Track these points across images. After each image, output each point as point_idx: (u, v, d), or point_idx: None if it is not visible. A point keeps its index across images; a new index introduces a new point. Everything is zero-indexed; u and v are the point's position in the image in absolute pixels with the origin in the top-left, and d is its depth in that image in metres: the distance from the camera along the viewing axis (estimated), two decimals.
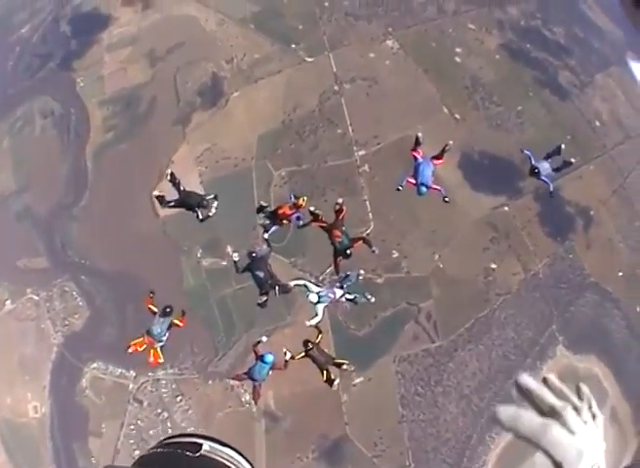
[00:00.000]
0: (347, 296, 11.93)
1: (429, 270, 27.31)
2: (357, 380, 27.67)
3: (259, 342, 11.97)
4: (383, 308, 27.10)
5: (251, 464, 2.51)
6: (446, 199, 11.48)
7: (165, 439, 2.54)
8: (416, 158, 11.51)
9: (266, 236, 12.59)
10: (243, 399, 28.07)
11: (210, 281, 27.46)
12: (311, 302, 11.76)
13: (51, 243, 28.49)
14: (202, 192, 12.39)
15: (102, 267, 27.97)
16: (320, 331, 11.49)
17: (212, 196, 12.35)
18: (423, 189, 11.11)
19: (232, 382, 10.89)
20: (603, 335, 29.74)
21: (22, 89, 30.49)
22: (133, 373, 28.02)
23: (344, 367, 11.41)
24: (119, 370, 28.07)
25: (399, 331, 27.39)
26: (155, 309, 11.60)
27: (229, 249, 10.74)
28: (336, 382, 11.18)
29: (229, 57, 28.56)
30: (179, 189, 12.47)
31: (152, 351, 11.72)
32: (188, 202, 12.37)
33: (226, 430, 28.45)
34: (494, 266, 28.00)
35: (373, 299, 11.77)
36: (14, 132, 30.05)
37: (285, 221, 12.19)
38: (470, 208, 27.90)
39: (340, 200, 11.61)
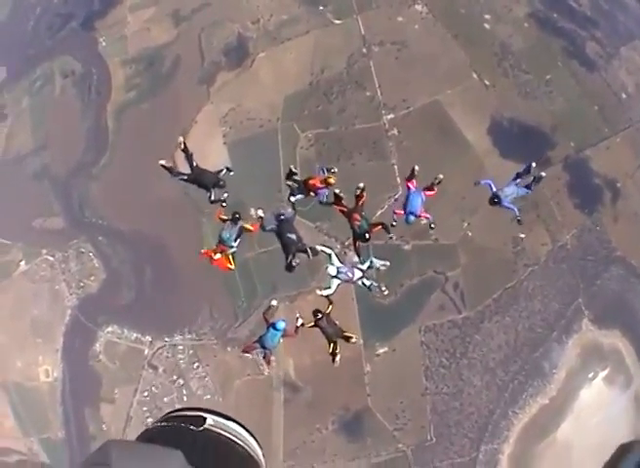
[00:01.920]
0: (364, 281, 10.75)
1: (458, 238, 25.19)
2: (381, 350, 25.49)
3: (269, 308, 10.47)
4: (410, 276, 24.93)
5: (255, 439, 2.33)
6: (432, 226, 10.63)
7: (169, 413, 2.30)
8: (409, 188, 10.49)
9: (293, 199, 11.12)
10: (262, 367, 26.00)
11: None
12: (328, 274, 10.62)
13: (68, 203, 26.27)
14: (215, 169, 10.47)
15: (121, 228, 25.70)
16: (331, 302, 10.21)
17: (224, 171, 10.49)
18: (412, 218, 10.27)
19: (245, 355, 9.34)
20: (628, 310, 27.65)
21: (43, 48, 28.24)
22: (149, 338, 25.68)
23: (353, 340, 10.13)
24: (135, 335, 25.78)
25: (425, 300, 25.21)
26: (225, 217, 10.10)
27: (253, 210, 9.20)
28: (338, 357, 9.97)
29: (255, 17, 26.50)
30: (191, 163, 10.59)
31: (222, 256, 10.17)
32: (202, 180, 10.51)
33: (244, 399, 26.29)
34: (522, 236, 25.93)
35: (387, 292, 10.70)
36: (33, 91, 27.87)
37: (312, 193, 11.00)
38: (499, 175, 25.80)
39: (361, 185, 10.42)
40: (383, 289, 11.11)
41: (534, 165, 11.01)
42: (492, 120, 26.11)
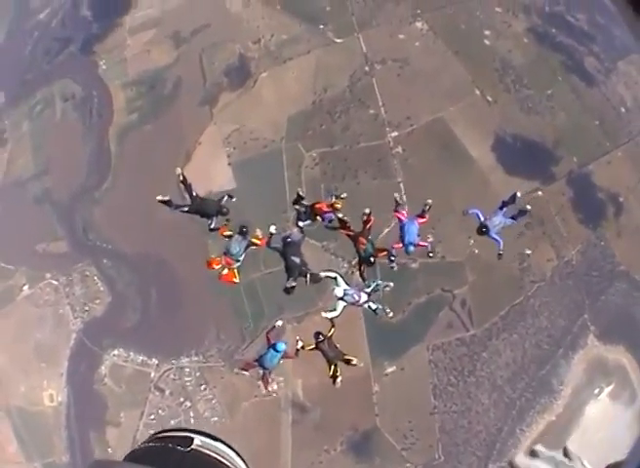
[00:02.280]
0: (370, 305, 10.63)
1: (464, 255, 24.84)
2: (389, 370, 25.11)
3: (273, 327, 10.27)
4: (418, 294, 24.60)
5: (243, 460, 2.33)
6: (430, 254, 10.60)
7: (157, 433, 2.31)
8: (400, 219, 10.34)
9: (301, 224, 10.96)
10: (270, 388, 25.51)
11: None
12: (335, 295, 10.45)
13: (71, 227, 25.83)
14: (220, 190, 10.21)
15: (125, 251, 25.26)
16: (333, 326, 10.04)
17: (225, 198, 10.22)
18: (411, 248, 10.16)
19: (242, 372, 9.19)
20: (632, 325, 27.45)
21: (41, 73, 27.73)
22: (155, 361, 25.22)
23: (354, 362, 9.95)
24: (141, 358, 25.31)
25: (433, 318, 24.85)
26: (229, 233, 9.83)
27: (259, 231, 8.97)
28: (339, 380, 9.82)
29: (256, 37, 26.18)
30: (190, 194, 10.25)
31: (228, 271, 9.92)
32: (204, 210, 10.20)
33: (251, 421, 25.82)
34: (528, 252, 25.65)
35: (391, 314, 10.49)
36: (33, 115, 27.40)
37: (318, 217, 10.89)
38: (504, 191, 25.40)
39: (367, 210, 10.30)
40: (388, 311, 10.93)
41: (518, 194, 10.98)
42: (495, 136, 25.88)
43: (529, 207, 10.81)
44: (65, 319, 25.79)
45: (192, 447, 2.15)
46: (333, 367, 10.09)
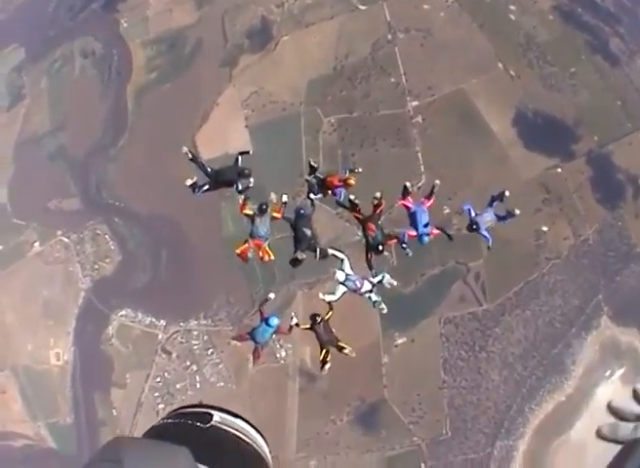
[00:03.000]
0: (371, 296, 9.83)
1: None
2: (400, 341, 24.34)
3: (266, 300, 9.52)
4: (432, 266, 23.82)
5: (262, 436, 2.30)
6: (450, 233, 9.68)
7: (176, 409, 2.29)
8: (408, 207, 9.39)
9: (312, 197, 10.12)
10: (278, 355, 24.85)
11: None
12: (336, 279, 9.62)
13: (85, 184, 25.16)
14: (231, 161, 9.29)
15: (138, 210, 24.59)
16: (331, 309, 9.28)
17: (241, 159, 9.32)
18: (426, 239, 9.19)
19: (233, 342, 8.76)
20: None
21: (63, 30, 27.16)
22: (163, 323, 24.52)
23: (346, 351, 9.21)
24: (149, 319, 24.62)
25: (446, 290, 24.08)
26: (250, 212, 8.93)
27: (274, 195, 8.29)
28: (327, 366, 9.10)
29: (280, 1, 25.53)
30: (205, 170, 9.33)
31: (262, 251, 9.10)
32: (225, 178, 9.30)
33: (258, 387, 25.10)
34: (545, 229, 24.79)
35: (385, 311, 9.68)
36: (52, 72, 26.77)
37: (329, 191, 10.02)
38: (523, 167, 24.83)
39: (378, 194, 9.39)
40: (382, 306, 10.08)
41: (507, 193, 9.93)
42: (516, 111, 25.11)
43: (517, 211, 9.80)
44: (75, 277, 25.14)
45: (212, 423, 2.13)
46: (324, 351, 9.53)
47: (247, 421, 2.27)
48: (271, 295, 10.44)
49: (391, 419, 24.77)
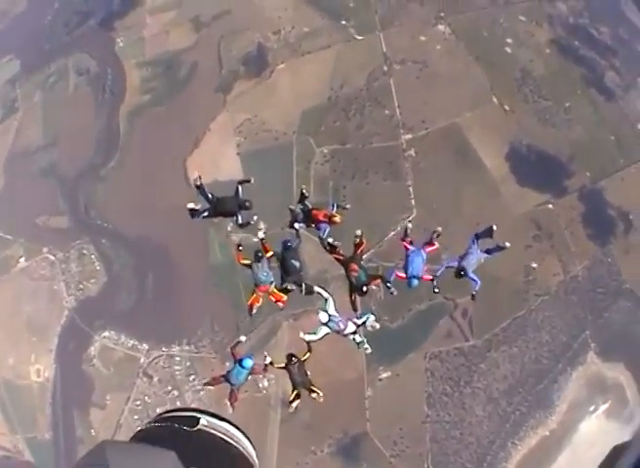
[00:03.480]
0: (355, 337, 9.55)
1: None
2: (384, 375, 23.92)
3: (238, 343, 9.26)
4: (419, 300, 23.52)
5: (249, 439, 2.31)
6: (436, 290, 9.29)
7: (163, 413, 2.28)
8: (407, 248, 9.13)
9: (297, 226, 9.82)
10: (261, 384, 24.38)
11: None
12: (319, 319, 9.37)
13: (74, 202, 24.73)
14: (225, 188, 8.95)
15: (125, 232, 24.16)
16: (309, 350, 9.03)
17: (241, 188, 9.01)
18: (415, 282, 9.04)
19: (207, 388, 8.53)
20: (633, 344, 26.41)
21: (59, 44, 26.85)
22: (146, 346, 24.04)
23: (314, 395, 9.02)
24: (131, 342, 24.13)
25: (433, 325, 23.68)
26: (247, 261, 8.66)
27: (262, 224, 7.99)
28: (294, 405, 8.95)
29: (277, 28, 25.21)
30: (207, 196, 9.02)
31: (273, 296, 8.82)
32: (225, 208, 8.99)
33: (239, 416, 24.18)
34: (534, 265, 24.56)
35: (369, 351, 9.45)
36: (46, 86, 26.44)
37: (313, 225, 9.74)
38: (515, 202, 24.53)
39: (358, 232, 9.15)
40: (366, 346, 9.82)
41: (495, 227, 9.57)
42: (510, 146, 24.86)
43: (508, 244, 9.42)
44: (59, 295, 24.70)
45: (198, 427, 2.11)
46: (294, 393, 9.28)
47: (234, 424, 2.26)
48: (242, 338, 10.12)
49: (373, 452, 24.31)
